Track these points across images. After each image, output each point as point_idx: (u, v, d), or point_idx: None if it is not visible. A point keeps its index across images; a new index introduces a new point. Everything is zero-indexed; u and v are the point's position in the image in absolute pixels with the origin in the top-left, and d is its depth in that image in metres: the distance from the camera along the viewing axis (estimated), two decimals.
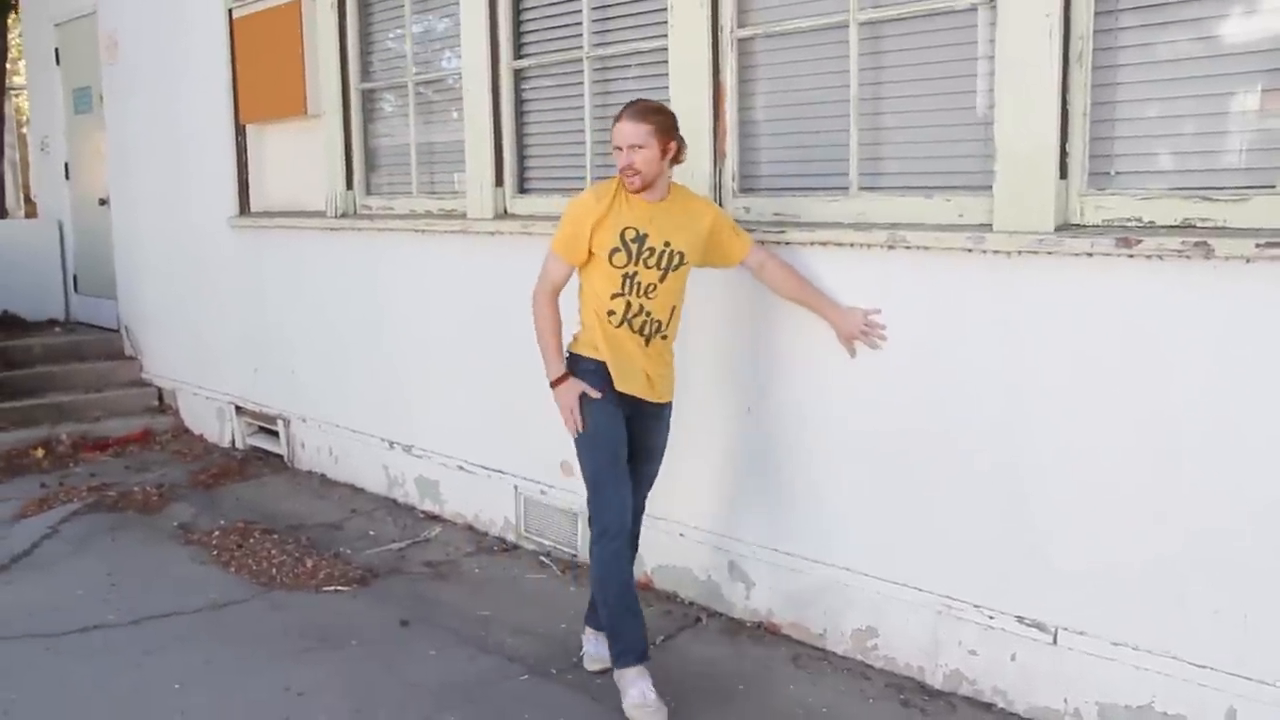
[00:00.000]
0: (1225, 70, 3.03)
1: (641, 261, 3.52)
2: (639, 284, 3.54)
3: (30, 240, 9.19)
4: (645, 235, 3.52)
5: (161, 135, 7.37)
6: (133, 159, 7.76)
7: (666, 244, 3.54)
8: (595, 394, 3.56)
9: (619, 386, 3.58)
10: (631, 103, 3.58)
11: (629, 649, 3.54)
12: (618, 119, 3.54)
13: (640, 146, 3.47)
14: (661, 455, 3.81)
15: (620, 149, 3.50)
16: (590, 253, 3.56)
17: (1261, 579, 2.93)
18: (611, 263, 3.52)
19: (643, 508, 3.85)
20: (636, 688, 3.49)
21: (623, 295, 3.54)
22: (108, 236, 8.28)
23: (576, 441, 3.62)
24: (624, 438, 3.61)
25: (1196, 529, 3.03)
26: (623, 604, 3.55)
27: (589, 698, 3.66)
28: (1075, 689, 3.32)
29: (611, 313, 3.56)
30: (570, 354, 3.66)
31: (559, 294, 3.65)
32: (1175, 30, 3.10)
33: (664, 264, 3.55)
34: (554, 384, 3.60)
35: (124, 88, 7.74)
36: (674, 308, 3.64)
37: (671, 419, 3.80)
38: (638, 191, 3.53)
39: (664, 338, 3.64)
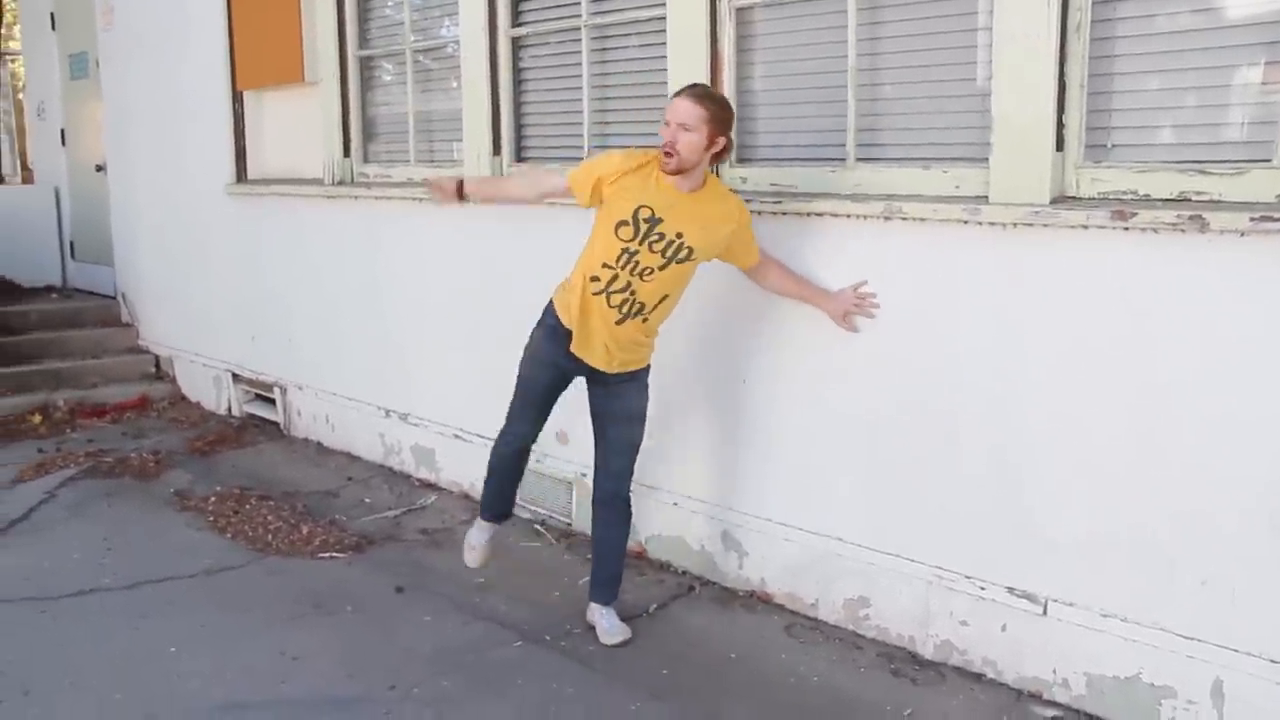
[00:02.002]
0: (1224, 43, 3.02)
1: (647, 244, 3.47)
2: (637, 263, 3.50)
3: (27, 206, 9.15)
4: (660, 220, 3.46)
5: (158, 101, 7.33)
6: (129, 125, 7.73)
7: (679, 235, 3.48)
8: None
9: (574, 349, 3.64)
10: (694, 84, 3.55)
11: (489, 507, 4.09)
12: (677, 94, 3.46)
13: (688, 129, 3.38)
14: (639, 420, 3.82)
15: (668, 124, 3.41)
16: (602, 201, 3.57)
17: (1249, 551, 2.95)
18: (617, 235, 3.48)
19: (627, 470, 3.85)
20: (477, 530, 4.11)
21: (613, 268, 3.51)
22: (104, 203, 8.25)
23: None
24: (546, 387, 3.80)
25: (1186, 502, 3.04)
26: (503, 483, 4.03)
27: (582, 665, 3.68)
28: (1064, 660, 3.34)
29: (595, 278, 3.55)
30: (550, 301, 3.74)
31: (538, 196, 3.95)
32: (1174, 2, 3.09)
33: (669, 253, 3.49)
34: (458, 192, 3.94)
35: (120, 53, 7.70)
36: (666, 296, 3.61)
37: (649, 383, 3.83)
38: (672, 173, 3.44)
39: (644, 320, 3.61)
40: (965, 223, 3.39)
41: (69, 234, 9.14)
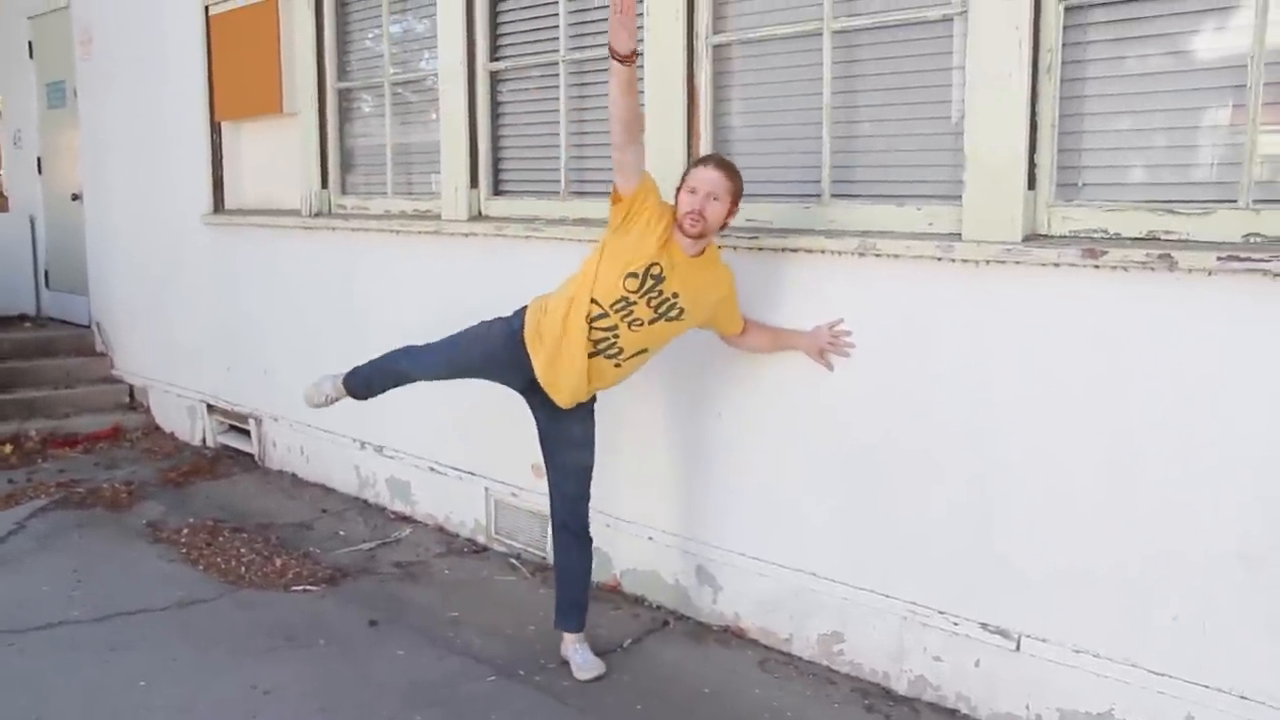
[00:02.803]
0: (1192, 85, 3.08)
1: (646, 298, 3.53)
2: (630, 312, 3.54)
3: (1, 234, 9.12)
4: (664, 278, 3.52)
5: (136, 131, 7.33)
6: (106, 154, 7.72)
7: (675, 295, 3.54)
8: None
9: (538, 374, 3.67)
10: (715, 155, 3.68)
11: (353, 387, 4.23)
12: (702, 163, 3.51)
13: (717, 198, 3.45)
14: (588, 446, 3.85)
15: (695, 192, 3.45)
16: (620, 226, 3.54)
17: (1219, 587, 2.97)
18: (623, 283, 3.51)
19: (581, 496, 3.87)
20: (333, 388, 4.27)
21: (604, 309, 3.54)
22: (80, 232, 8.23)
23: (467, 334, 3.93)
24: (471, 371, 3.94)
25: (1158, 538, 3.07)
26: (379, 385, 4.19)
27: (556, 700, 3.67)
28: (1037, 695, 3.35)
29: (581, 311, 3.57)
30: (523, 310, 3.76)
31: (627, 149, 3.46)
32: (1143, 44, 3.14)
33: (661, 309, 3.55)
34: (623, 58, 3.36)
35: (99, 83, 7.70)
36: (644, 350, 3.65)
37: (594, 409, 3.86)
38: (696, 237, 3.48)
39: (616, 365, 3.65)
40: (939, 260, 3.42)
41: (44, 262, 9.10)
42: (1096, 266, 3.08)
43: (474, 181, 5.03)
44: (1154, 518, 3.07)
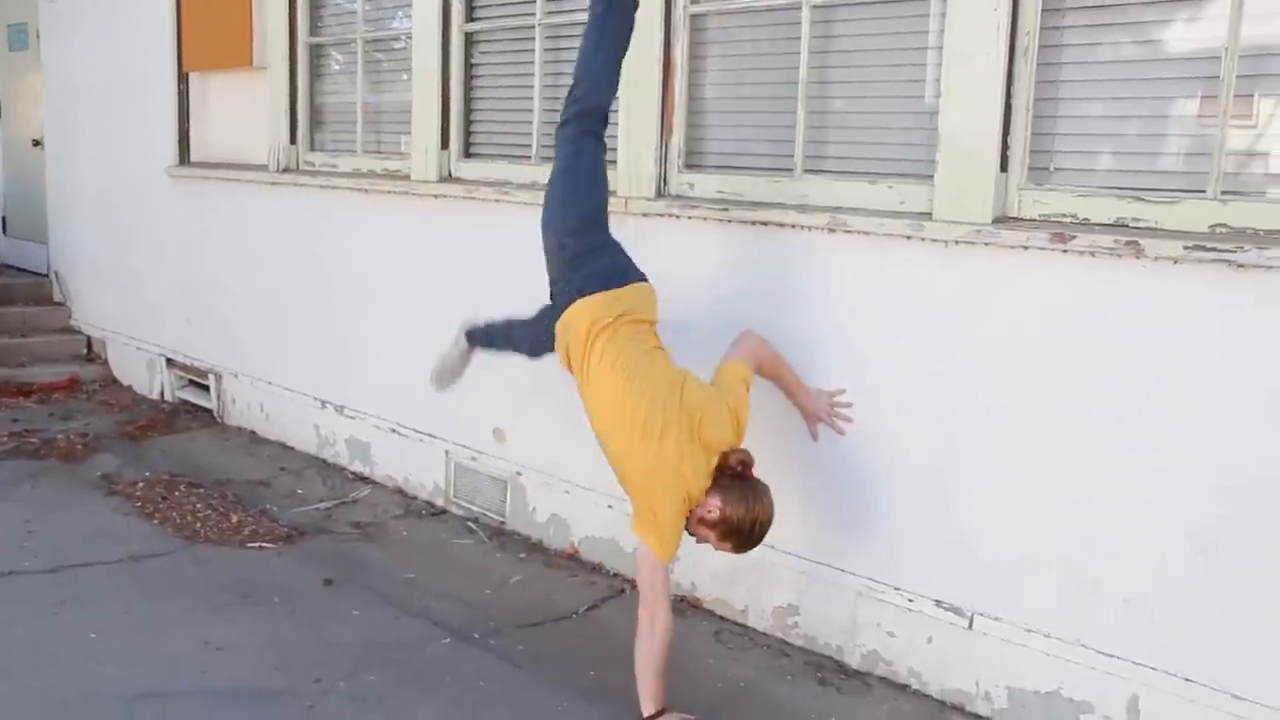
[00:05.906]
0: (1165, 75, 3.10)
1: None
2: None
3: None
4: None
5: (101, 77, 7.21)
6: (70, 101, 7.59)
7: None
8: None
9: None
10: (755, 540, 3.31)
11: (475, 337, 4.21)
12: (743, 547, 3.31)
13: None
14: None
15: (710, 542, 3.34)
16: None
17: (1170, 572, 3.01)
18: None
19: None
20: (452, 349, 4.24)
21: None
22: (40, 178, 8.10)
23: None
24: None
25: (1112, 522, 3.10)
26: (494, 344, 4.14)
27: (510, 664, 3.68)
28: (987, 673, 3.39)
29: None
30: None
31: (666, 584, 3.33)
32: (1119, 32, 3.16)
33: None
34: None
35: (63, 26, 7.56)
36: None
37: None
38: None
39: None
40: (909, 238, 3.43)
41: (1, 209, 8.95)
42: (1065, 251, 3.10)
43: (445, 143, 4.99)
44: (1110, 502, 3.10)
